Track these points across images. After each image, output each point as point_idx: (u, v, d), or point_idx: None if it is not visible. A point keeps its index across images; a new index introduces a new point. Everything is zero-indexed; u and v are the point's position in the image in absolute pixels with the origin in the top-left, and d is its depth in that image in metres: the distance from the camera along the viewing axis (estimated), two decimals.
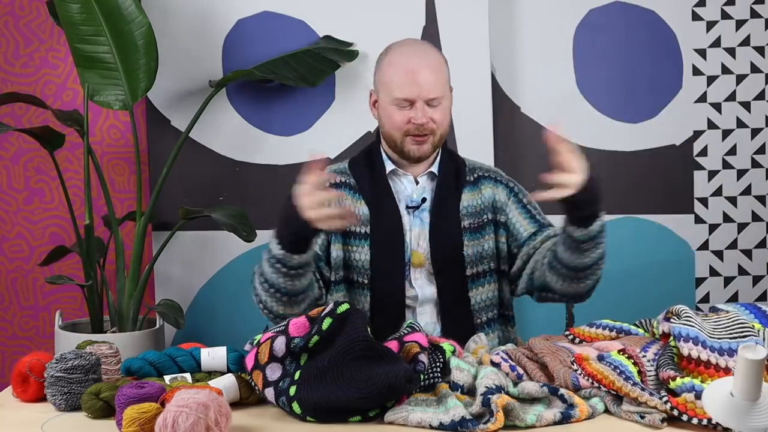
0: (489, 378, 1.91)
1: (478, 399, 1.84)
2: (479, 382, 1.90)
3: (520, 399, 1.91)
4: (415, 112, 2.25)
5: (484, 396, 1.84)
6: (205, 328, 3.13)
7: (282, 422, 1.95)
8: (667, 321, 2.13)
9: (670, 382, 1.92)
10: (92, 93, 2.90)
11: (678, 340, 1.99)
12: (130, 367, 2.17)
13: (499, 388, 1.88)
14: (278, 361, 1.99)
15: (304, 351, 1.96)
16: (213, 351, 2.16)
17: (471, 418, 1.80)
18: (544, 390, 1.92)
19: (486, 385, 1.88)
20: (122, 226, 3.04)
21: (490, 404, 1.82)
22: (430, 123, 2.27)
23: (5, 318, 3.29)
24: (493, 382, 1.89)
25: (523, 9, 3.20)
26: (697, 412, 1.84)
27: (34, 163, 3.26)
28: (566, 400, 1.90)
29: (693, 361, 1.96)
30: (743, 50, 3.20)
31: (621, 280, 3.14)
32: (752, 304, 2.19)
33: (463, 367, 1.98)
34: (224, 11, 3.14)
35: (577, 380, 1.99)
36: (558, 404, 1.91)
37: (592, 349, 2.13)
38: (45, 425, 1.96)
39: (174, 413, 1.76)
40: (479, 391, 1.86)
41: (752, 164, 3.22)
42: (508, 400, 1.84)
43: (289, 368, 1.98)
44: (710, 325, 2.06)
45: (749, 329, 2.02)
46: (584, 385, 1.99)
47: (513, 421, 1.82)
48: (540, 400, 1.92)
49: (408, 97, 2.25)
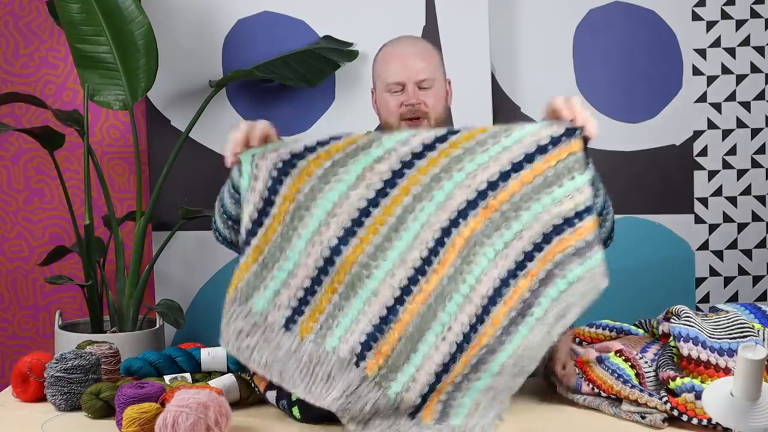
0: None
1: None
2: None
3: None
4: (406, 94, 2.32)
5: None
6: (205, 328, 3.13)
7: (282, 422, 1.95)
8: (667, 321, 2.13)
9: (670, 382, 1.92)
10: (92, 93, 2.90)
11: (678, 340, 1.99)
12: (130, 367, 2.17)
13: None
14: None
15: None
16: (213, 351, 2.17)
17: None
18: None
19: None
20: (122, 226, 3.03)
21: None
22: (422, 105, 2.32)
23: (5, 318, 3.29)
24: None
25: (523, 9, 3.20)
26: (697, 412, 1.84)
27: (34, 163, 3.25)
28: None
29: (693, 362, 1.96)
30: (743, 50, 3.20)
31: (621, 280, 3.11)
32: (752, 304, 2.19)
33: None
34: (224, 11, 3.14)
35: (580, 383, 2.00)
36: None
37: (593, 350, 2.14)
38: (45, 425, 1.96)
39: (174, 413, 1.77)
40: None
41: (752, 164, 3.22)
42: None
43: None
44: (710, 325, 2.06)
45: (749, 329, 2.02)
46: (586, 390, 1.99)
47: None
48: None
49: (398, 80, 2.31)
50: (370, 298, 1.87)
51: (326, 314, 1.87)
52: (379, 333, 1.86)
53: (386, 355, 1.85)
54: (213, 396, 1.82)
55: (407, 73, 2.31)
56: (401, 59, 2.34)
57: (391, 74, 2.33)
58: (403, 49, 2.37)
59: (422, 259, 1.89)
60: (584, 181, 1.92)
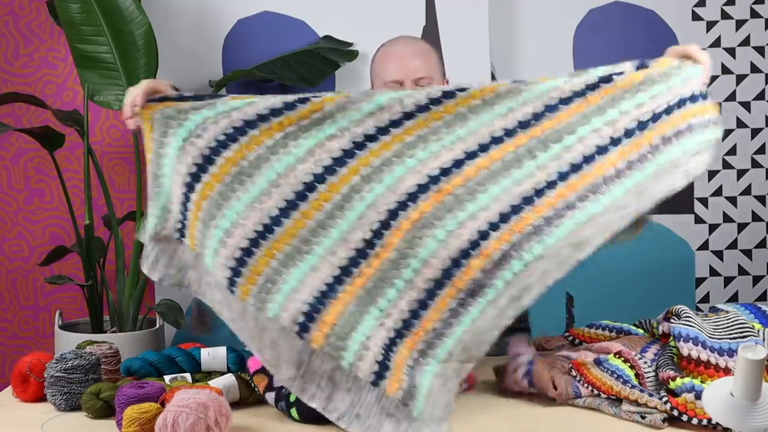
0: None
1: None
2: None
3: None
4: None
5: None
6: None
7: (282, 422, 1.95)
8: (667, 321, 2.13)
9: (669, 382, 1.92)
10: (92, 93, 2.89)
11: (678, 341, 1.99)
12: (130, 367, 2.17)
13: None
14: None
15: None
16: (213, 351, 2.17)
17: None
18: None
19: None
20: (122, 226, 3.03)
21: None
22: None
23: (5, 318, 3.29)
24: None
25: (523, 9, 3.20)
26: (697, 412, 1.84)
27: (34, 163, 3.25)
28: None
29: (693, 362, 1.96)
30: (743, 50, 3.20)
31: (621, 280, 3.14)
32: (752, 304, 2.19)
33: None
34: (224, 11, 3.14)
35: (578, 389, 1.99)
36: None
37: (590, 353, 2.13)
38: (45, 425, 1.96)
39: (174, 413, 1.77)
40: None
41: (752, 164, 3.22)
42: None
43: None
44: (710, 325, 2.06)
45: (749, 329, 2.03)
46: (585, 394, 1.99)
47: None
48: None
49: (396, 78, 2.32)
50: (310, 273, 1.85)
51: (264, 277, 1.85)
52: (321, 305, 1.84)
53: (331, 324, 1.83)
54: (213, 396, 1.82)
55: (405, 71, 2.32)
56: (399, 58, 2.35)
57: (389, 73, 2.34)
58: (401, 49, 2.38)
59: (365, 240, 1.87)
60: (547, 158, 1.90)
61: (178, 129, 1.92)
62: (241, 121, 1.90)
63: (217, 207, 1.87)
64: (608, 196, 1.88)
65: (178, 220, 1.92)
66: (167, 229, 1.93)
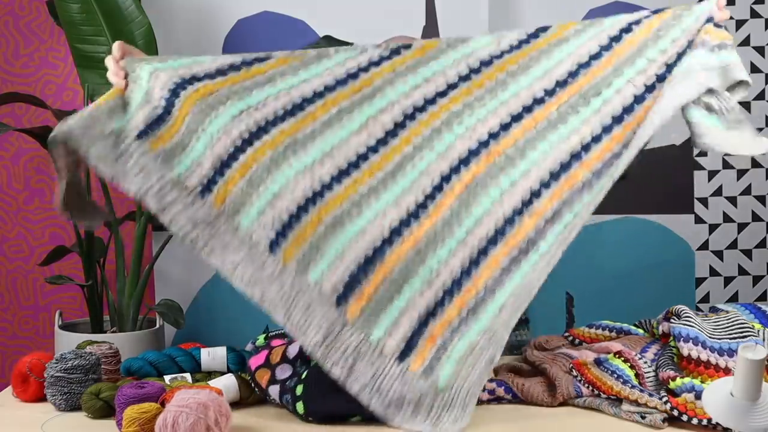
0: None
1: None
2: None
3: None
4: None
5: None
6: (205, 328, 3.13)
7: (282, 422, 1.95)
8: (667, 321, 2.13)
9: (669, 382, 1.92)
10: (92, 93, 2.89)
11: (678, 340, 1.99)
12: (130, 367, 2.17)
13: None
14: (289, 363, 1.99)
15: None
16: (213, 351, 2.17)
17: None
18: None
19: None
20: (122, 226, 3.03)
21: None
22: None
23: (5, 318, 3.29)
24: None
25: (523, 9, 3.20)
26: (697, 412, 1.84)
27: (34, 163, 3.25)
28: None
29: (693, 362, 1.96)
30: (743, 50, 3.19)
31: (621, 280, 3.14)
32: (752, 304, 2.19)
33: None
34: (224, 11, 3.14)
35: (579, 388, 1.99)
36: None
37: (591, 353, 2.14)
38: (45, 425, 1.96)
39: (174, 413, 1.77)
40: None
41: (752, 164, 3.22)
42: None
43: (300, 369, 1.98)
44: (710, 325, 2.06)
45: (749, 329, 2.03)
46: (585, 393, 1.99)
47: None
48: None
49: None
50: (357, 236, 1.87)
51: (310, 243, 1.86)
52: (363, 274, 1.85)
53: (368, 297, 1.83)
54: (213, 396, 1.82)
55: None
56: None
57: None
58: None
59: (417, 204, 1.90)
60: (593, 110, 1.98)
61: (237, 102, 1.96)
62: (299, 98, 1.96)
63: (267, 171, 1.89)
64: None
65: (206, 176, 1.91)
66: (190, 180, 1.92)
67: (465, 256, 1.86)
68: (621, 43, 2.03)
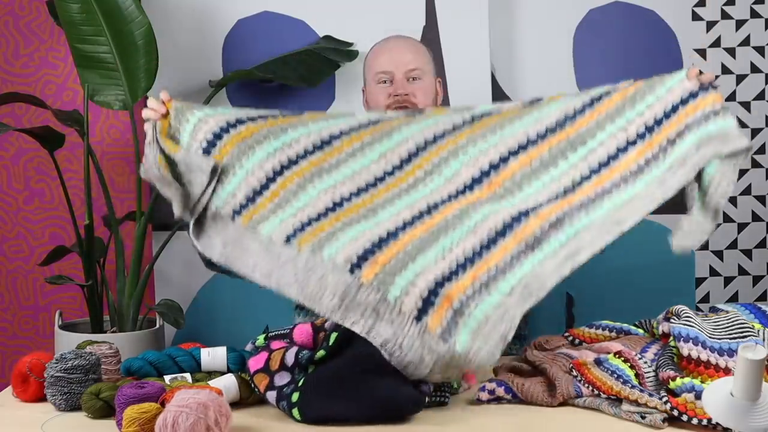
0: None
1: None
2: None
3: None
4: (394, 85, 2.46)
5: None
6: (205, 328, 3.13)
7: (282, 422, 1.95)
8: (667, 321, 2.13)
9: (669, 382, 1.92)
10: (92, 93, 2.90)
11: (678, 341, 1.99)
12: (130, 367, 2.17)
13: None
14: (287, 370, 2.00)
15: (311, 363, 1.97)
16: (213, 351, 2.17)
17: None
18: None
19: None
20: (122, 226, 3.03)
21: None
22: (411, 97, 2.44)
23: (5, 318, 3.29)
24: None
25: (523, 9, 3.20)
26: (697, 412, 1.84)
27: (34, 163, 3.26)
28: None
29: (693, 362, 1.96)
30: (743, 50, 3.20)
31: (621, 280, 3.14)
32: (752, 304, 2.19)
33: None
34: (224, 11, 3.14)
35: (579, 388, 1.99)
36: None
37: (591, 353, 2.13)
38: (45, 425, 1.96)
39: (174, 413, 1.77)
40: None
41: (752, 164, 3.22)
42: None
43: (298, 377, 1.98)
44: (710, 325, 2.06)
45: (749, 329, 2.03)
46: (585, 393, 1.99)
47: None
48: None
49: (386, 69, 2.45)
50: (373, 227, 2.02)
51: (327, 233, 2.01)
52: (378, 248, 1.98)
53: (382, 264, 1.94)
54: (213, 396, 1.82)
55: (395, 63, 2.44)
56: (390, 51, 2.48)
57: (380, 64, 2.45)
58: (392, 44, 2.51)
59: (429, 206, 2.10)
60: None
61: (273, 141, 2.16)
62: (328, 136, 2.19)
63: (293, 194, 2.09)
64: (637, 185, 2.13)
65: (239, 204, 2.09)
66: (225, 209, 2.10)
67: (477, 239, 1.99)
68: (601, 102, 2.20)
